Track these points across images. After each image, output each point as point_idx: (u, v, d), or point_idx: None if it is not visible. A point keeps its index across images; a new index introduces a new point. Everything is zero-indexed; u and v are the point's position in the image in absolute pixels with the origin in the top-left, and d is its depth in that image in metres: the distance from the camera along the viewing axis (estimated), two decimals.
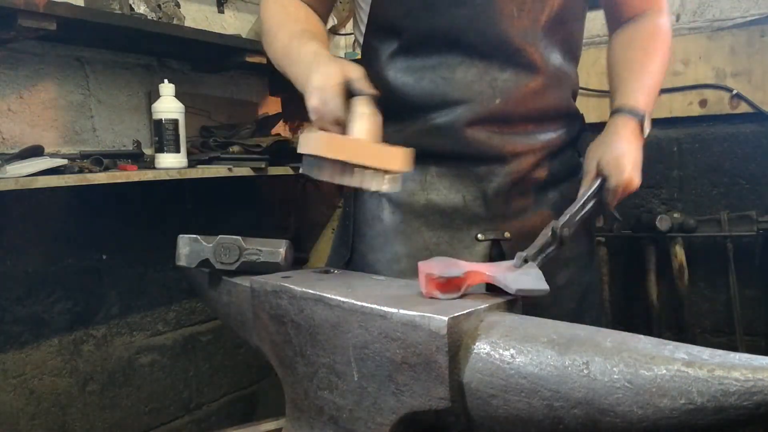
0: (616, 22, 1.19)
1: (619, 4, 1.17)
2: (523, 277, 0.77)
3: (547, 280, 1.05)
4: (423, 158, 1.00)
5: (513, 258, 0.95)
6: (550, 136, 1.07)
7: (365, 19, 1.08)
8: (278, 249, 0.93)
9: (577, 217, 0.98)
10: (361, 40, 1.12)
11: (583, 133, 1.16)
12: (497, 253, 1.02)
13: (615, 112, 1.08)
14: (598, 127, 1.11)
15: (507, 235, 1.03)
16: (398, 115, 1.03)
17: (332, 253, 1.17)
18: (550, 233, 0.90)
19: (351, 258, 1.09)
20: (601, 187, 1.03)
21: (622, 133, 1.04)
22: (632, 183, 1.02)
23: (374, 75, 1.02)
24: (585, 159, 1.07)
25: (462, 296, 0.70)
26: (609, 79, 1.17)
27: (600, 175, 1.03)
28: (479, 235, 1.02)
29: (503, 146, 1.02)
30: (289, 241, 0.94)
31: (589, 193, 1.02)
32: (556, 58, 1.04)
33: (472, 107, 0.99)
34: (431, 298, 0.69)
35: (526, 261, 0.83)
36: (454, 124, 1.00)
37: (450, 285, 0.70)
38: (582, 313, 1.10)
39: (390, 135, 1.01)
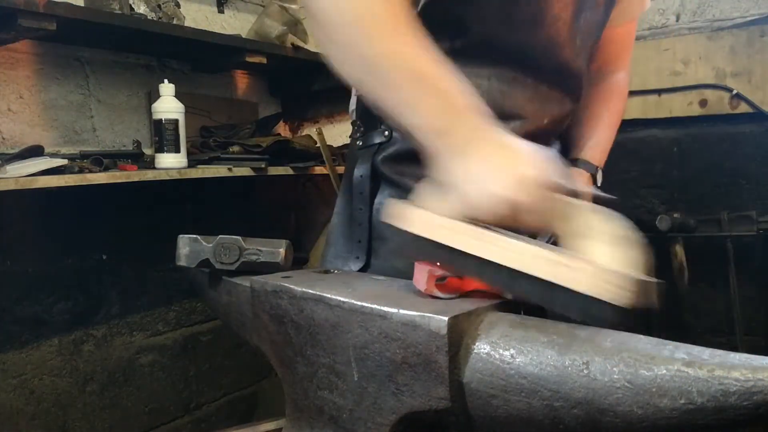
0: (593, 62, 1.22)
1: (604, 45, 1.17)
2: None
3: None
4: None
5: None
6: (557, 147, 1.11)
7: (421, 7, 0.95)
8: (278, 249, 0.93)
9: None
10: None
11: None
12: None
13: (573, 163, 1.14)
14: None
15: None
16: None
17: (331, 256, 1.08)
18: None
19: (369, 263, 1.00)
20: None
21: (577, 180, 1.08)
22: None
23: None
24: None
25: (460, 296, 0.70)
26: (576, 125, 1.20)
27: None
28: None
29: None
30: (289, 241, 0.94)
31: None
32: (585, 84, 1.08)
33: (524, 124, 0.96)
34: (431, 296, 0.69)
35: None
36: None
37: (450, 284, 0.70)
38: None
39: None
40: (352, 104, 1.12)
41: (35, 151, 1.53)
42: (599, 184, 1.13)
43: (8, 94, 1.69)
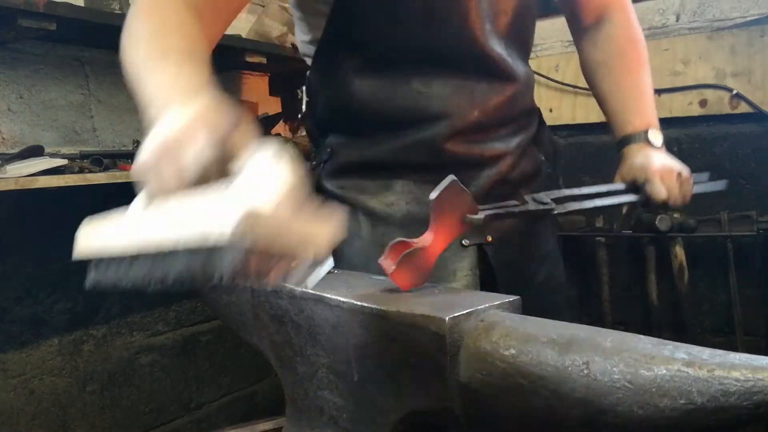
0: (581, 29, 1.18)
1: (580, 7, 1.16)
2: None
3: (528, 282, 1.06)
4: (399, 170, 0.99)
5: (496, 263, 1.00)
6: (521, 136, 1.07)
7: (307, 29, 1.01)
8: None
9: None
10: (308, 51, 1.04)
11: (542, 127, 1.16)
12: (481, 256, 1.01)
13: (621, 144, 1.10)
14: (598, 127, 1.12)
15: (489, 239, 1.00)
16: (368, 130, 1.00)
17: None
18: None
19: None
20: (628, 192, 1.05)
21: (634, 156, 1.07)
22: (669, 167, 1.04)
23: (337, 88, 0.99)
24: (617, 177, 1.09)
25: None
26: (596, 98, 1.18)
27: (633, 188, 1.06)
28: (464, 241, 0.98)
29: (482, 152, 1.01)
30: None
31: (597, 191, 1.02)
32: (521, 64, 1.04)
33: (451, 121, 0.96)
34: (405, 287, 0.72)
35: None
36: (432, 139, 0.96)
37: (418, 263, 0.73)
38: (559, 306, 1.13)
39: (362, 149, 1.00)
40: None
41: (35, 151, 1.53)
42: (658, 144, 1.08)
43: (8, 94, 1.69)
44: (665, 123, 1.23)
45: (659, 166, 1.04)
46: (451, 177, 0.76)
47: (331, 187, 1.04)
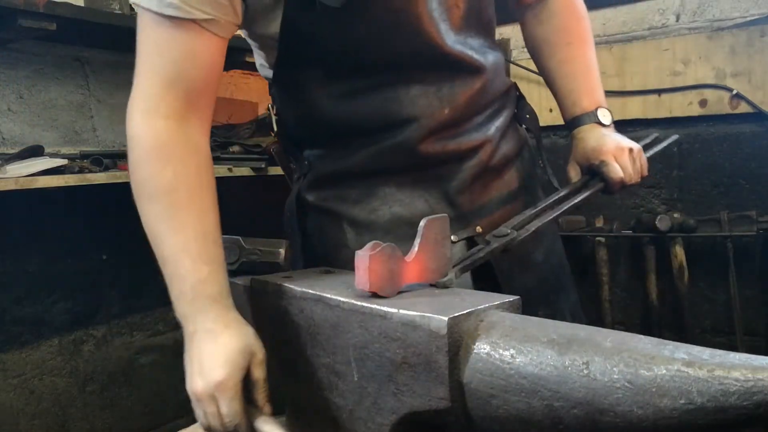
0: (522, 5, 1.15)
1: None
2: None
3: (528, 263, 1.05)
4: (378, 176, 0.98)
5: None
6: (500, 120, 1.06)
7: (269, 49, 0.98)
8: (278, 249, 0.92)
9: (537, 219, 0.94)
10: (267, 73, 1.02)
11: (521, 101, 1.15)
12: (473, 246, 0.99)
13: (572, 125, 1.10)
14: None
15: (479, 230, 0.99)
16: (340, 140, 0.99)
17: None
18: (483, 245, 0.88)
19: None
20: (587, 184, 1.04)
21: (587, 137, 1.06)
22: (621, 145, 1.03)
23: (302, 103, 0.98)
24: (568, 173, 1.09)
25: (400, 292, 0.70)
26: (543, 77, 1.16)
27: (589, 171, 1.04)
28: (452, 237, 0.95)
29: (459, 147, 1.00)
30: (289, 242, 0.94)
31: (556, 197, 1.00)
32: (487, 51, 1.02)
33: (423, 123, 0.95)
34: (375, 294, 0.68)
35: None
36: (406, 143, 0.95)
37: (393, 277, 0.69)
38: (561, 281, 1.12)
39: (337, 159, 0.99)
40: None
41: (35, 151, 1.53)
42: (607, 122, 1.08)
43: (8, 94, 1.69)
44: (665, 123, 1.24)
45: (611, 146, 1.03)
46: (425, 219, 0.74)
47: (312, 200, 1.03)
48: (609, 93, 1.18)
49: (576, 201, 1.01)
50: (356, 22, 0.89)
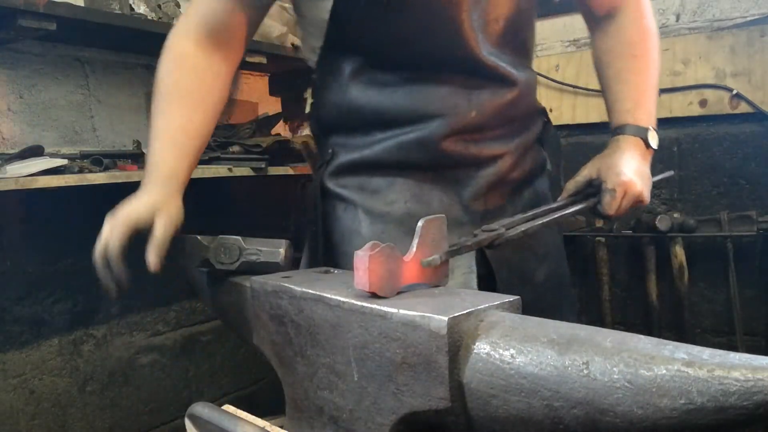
0: (594, 20, 1.16)
1: (594, 2, 1.14)
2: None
3: (527, 280, 1.06)
4: (398, 169, 1.01)
5: (495, 262, 1.00)
6: (522, 137, 1.07)
7: (315, 33, 1.02)
8: (278, 249, 0.92)
9: (524, 226, 0.94)
10: (311, 56, 1.06)
11: (547, 125, 1.16)
12: (480, 256, 1.01)
13: (616, 132, 1.06)
14: (598, 127, 1.12)
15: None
16: (365, 129, 1.02)
17: (303, 264, 1.14)
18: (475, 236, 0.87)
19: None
20: (589, 197, 1.02)
21: (623, 148, 1.02)
22: (633, 187, 0.99)
23: (335, 89, 1.02)
24: (580, 172, 1.06)
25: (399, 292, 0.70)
26: (601, 87, 1.15)
27: (592, 184, 1.03)
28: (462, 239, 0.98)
29: (480, 153, 1.02)
30: (289, 241, 0.94)
31: (555, 205, 1.00)
32: (520, 68, 1.04)
33: (448, 121, 0.98)
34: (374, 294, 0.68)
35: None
36: (429, 138, 0.98)
37: (392, 278, 0.69)
38: (561, 303, 1.12)
39: (360, 148, 1.03)
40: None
41: (35, 151, 1.53)
42: (654, 146, 1.04)
43: (8, 94, 1.69)
44: (665, 123, 1.24)
45: (628, 180, 0.99)
46: (423, 219, 0.74)
47: (332, 187, 1.06)
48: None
49: (560, 215, 0.99)
50: (399, 18, 0.93)
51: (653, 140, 1.04)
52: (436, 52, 0.97)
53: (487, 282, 1.00)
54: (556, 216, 0.97)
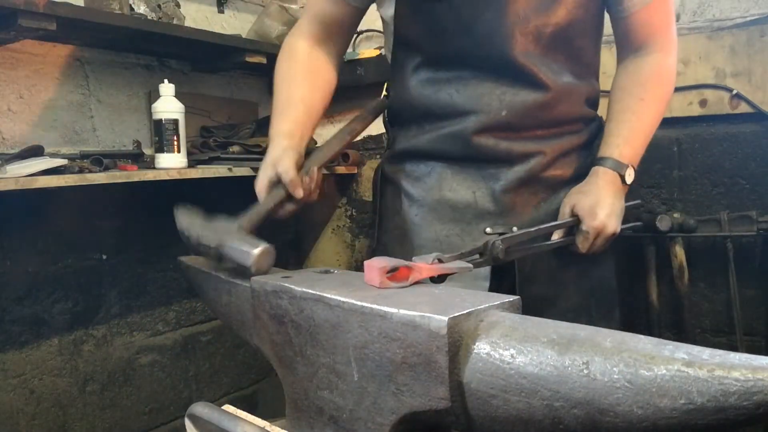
0: (625, 51, 1.21)
1: (627, 32, 1.18)
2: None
3: (554, 274, 1.09)
4: (439, 159, 1.13)
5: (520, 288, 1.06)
6: (562, 140, 1.12)
7: (387, 33, 1.20)
8: (251, 250, 0.85)
9: (530, 244, 1.03)
10: (388, 54, 1.24)
11: (600, 135, 1.19)
12: (510, 268, 1.08)
13: (598, 161, 1.12)
14: None
15: (515, 229, 1.07)
16: (418, 121, 1.15)
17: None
18: (481, 244, 0.94)
19: (376, 248, 1.22)
20: (573, 227, 1.09)
21: (600, 184, 1.09)
22: (606, 229, 1.07)
23: (400, 84, 1.17)
24: (562, 204, 1.12)
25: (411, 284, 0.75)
26: (606, 118, 1.20)
27: (574, 217, 1.09)
28: (488, 229, 1.09)
29: (511, 149, 1.09)
30: (271, 247, 0.87)
31: (551, 225, 1.07)
32: (564, 74, 1.09)
33: (479, 117, 1.07)
34: (381, 287, 0.73)
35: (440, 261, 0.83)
36: (462, 132, 1.09)
37: (401, 274, 0.75)
38: (590, 307, 1.13)
39: (411, 138, 1.16)
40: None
41: (35, 151, 1.53)
42: (629, 182, 1.11)
43: (8, 94, 1.69)
44: (665, 123, 1.24)
45: (603, 219, 1.06)
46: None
47: (387, 171, 1.23)
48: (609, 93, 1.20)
49: (552, 243, 1.08)
50: (444, 14, 1.05)
51: (629, 177, 1.12)
52: (475, 49, 1.06)
53: (507, 275, 1.07)
54: (542, 244, 1.06)
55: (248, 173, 1.91)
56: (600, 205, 1.07)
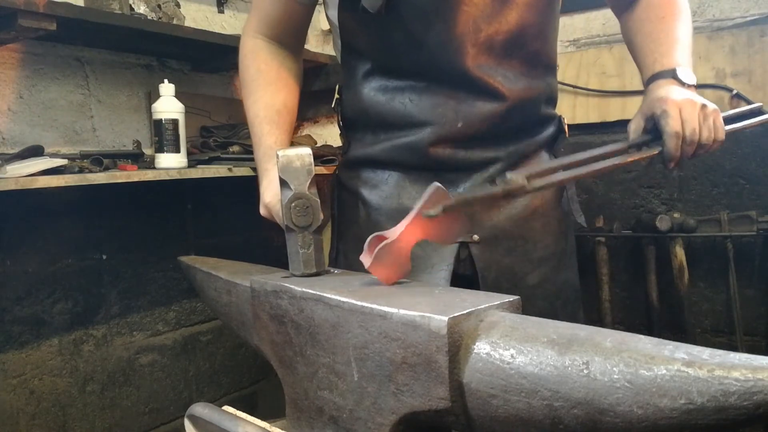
0: (622, 6, 1.16)
1: None
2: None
3: (518, 282, 1.07)
4: (395, 168, 1.10)
5: (481, 263, 1.04)
6: (521, 144, 1.09)
7: (335, 35, 1.16)
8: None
9: (557, 174, 0.85)
10: (337, 55, 1.19)
11: (561, 135, 1.17)
12: (466, 255, 1.05)
13: (647, 85, 1.04)
14: (598, 127, 1.11)
15: (475, 238, 1.05)
16: (373, 129, 1.12)
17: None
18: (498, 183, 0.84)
19: (336, 258, 1.19)
20: (644, 145, 0.94)
21: (661, 92, 0.97)
22: (689, 105, 0.92)
23: (352, 89, 1.12)
24: (630, 130, 0.99)
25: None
26: (633, 56, 1.14)
27: (653, 129, 0.95)
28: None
29: (468, 158, 1.07)
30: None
31: (599, 152, 0.89)
32: (519, 80, 1.05)
33: (435, 129, 1.04)
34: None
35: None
36: (418, 143, 1.05)
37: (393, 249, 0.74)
38: (556, 311, 1.11)
39: (367, 146, 1.13)
40: None
41: (35, 151, 1.53)
42: (689, 82, 0.98)
43: (8, 94, 1.69)
44: None
45: (679, 97, 0.93)
46: (435, 184, 0.78)
47: (343, 178, 1.19)
48: (609, 93, 1.18)
49: (618, 162, 0.88)
50: (392, 29, 1.01)
51: (686, 77, 0.98)
52: (427, 62, 1.02)
53: (470, 284, 1.03)
54: (599, 167, 0.88)
55: (248, 173, 1.91)
56: (677, 91, 0.94)
